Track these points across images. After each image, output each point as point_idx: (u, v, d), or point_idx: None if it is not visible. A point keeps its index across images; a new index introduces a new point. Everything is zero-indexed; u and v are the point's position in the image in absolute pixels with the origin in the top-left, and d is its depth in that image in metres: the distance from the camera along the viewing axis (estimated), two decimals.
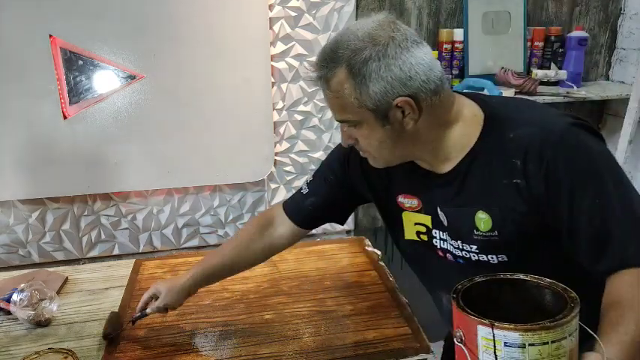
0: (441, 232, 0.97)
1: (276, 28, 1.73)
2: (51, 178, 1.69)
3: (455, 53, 1.86)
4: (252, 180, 1.86)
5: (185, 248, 1.92)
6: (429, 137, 0.89)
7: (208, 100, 1.72)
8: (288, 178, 1.93)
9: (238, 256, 1.19)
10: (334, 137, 1.91)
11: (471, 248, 0.92)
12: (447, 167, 0.92)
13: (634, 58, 1.97)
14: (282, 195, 1.94)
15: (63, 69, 1.60)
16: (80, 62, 1.61)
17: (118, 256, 1.87)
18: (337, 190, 1.13)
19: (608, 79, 2.09)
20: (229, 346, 1.21)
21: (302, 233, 1.21)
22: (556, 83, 1.91)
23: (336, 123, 1.89)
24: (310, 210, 1.16)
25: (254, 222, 1.23)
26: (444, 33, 1.85)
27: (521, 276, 0.73)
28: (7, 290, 1.36)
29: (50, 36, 1.56)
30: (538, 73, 1.85)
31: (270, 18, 1.70)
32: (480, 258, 0.92)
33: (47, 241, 1.80)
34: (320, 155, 1.92)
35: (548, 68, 1.95)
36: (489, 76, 1.83)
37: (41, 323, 1.28)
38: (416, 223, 1.00)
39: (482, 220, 0.88)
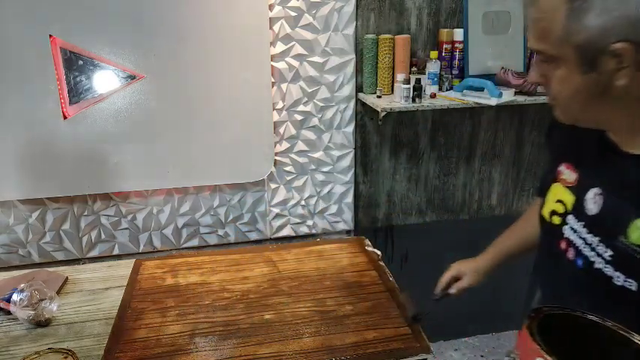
0: (576, 221, 0.81)
1: (276, 28, 1.73)
2: (51, 178, 1.68)
3: (455, 53, 1.86)
4: (252, 180, 1.86)
5: (185, 248, 1.92)
6: (639, 108, 0.70)
7: (208, 100, 1.72)
8: (288, 178, 1.93)
9: (532, 235, 1.07)
10: (334, 137, 1.91)
11: (605, 253, 0.75)
12: (637, 147, 0.72)
13: None
14: (282, 195, 1.94)
15: (63, 69, 1.60)
16: (80, 62, 1.61)
17: (118, 256, 1.87)
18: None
19: None
20: (229, 346, 1.21)
21: None
22: None
23: (337, 122, 1.89)
24: (542, 178, 1.02)
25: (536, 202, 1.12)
26: (444, 33, 1.85)
27: (622, 331, 0.58)
28: (7, 290, 1.36)
29: (50, 36, 1.56)
30: None
31: (270, 18, 1.70)
32: (605, 270, 0.74)
33: (47, 241, 1.80)
34: (320, 155, 1.92)
35: None
36: (489, 76, 1.83)
37: (41, 323, 1.28)
38: (557, 200, 0.85)
39: (639, 231, 0.70)
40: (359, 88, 1.88)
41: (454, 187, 2.15)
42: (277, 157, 1.88)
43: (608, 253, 0.74)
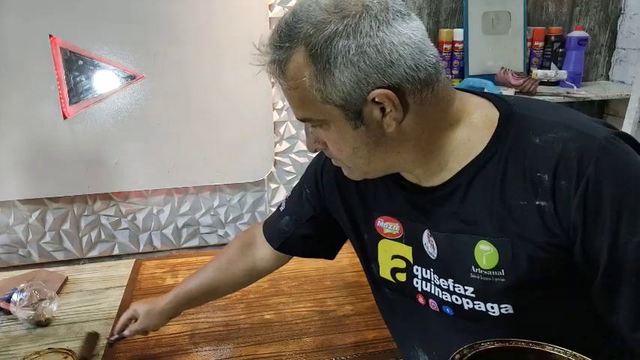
0: (424, 270, 0.75)
1: None
2: (51, 178, 1.68)
3: (455, 53, 1.86)
4: (252, 180, 1.86)
5: (185, 248, 1.92)
6: (419, 143, 0.67)
7: (208, 100, 1.72)
8: (288, 178, 1.93)
9: (217, 280, 1.05)
10: None
11: (466, 291, 0.70)
12: (441, 179, 0.70)
13: (634, 58, 1.97)
14: (282, 195, 1.94)
15: (63, 69, 1.60)
16: (80, 62, 1.61)
17: (118, 256, 1.87)
18: (313, 209, 0.93)
19: (608, 79, 2.09)
20: (229, 346, 1.21)
21: (285, 257, 1.04)
22: (556, 83, 1.91)
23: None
24: (286, 232, 0.97)
25: (236, 242, 1.09)
26: (443, 33, 1.85)
27: (547, 347, 0.52)
28: (7, 290, 1.36)
29: (50, 36, 1.56)
30: (538, 73, 1.85)
31: (270, 18, 1.70)
32: (476, 306, 0.69)
33: (47, 241, 1.79)
34: None
35: (548, 68, 1.95)
36: (489, 76, 1.83)
37: (41, 323, 1.28)
38: (394, 257, 0.79)
39: (485, 254, 0.66)
40: None
41: None
42: (277, 157, 1.88)
43: (469, 290, 0.69)
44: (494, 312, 0.68)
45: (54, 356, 1.16)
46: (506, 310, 0.67)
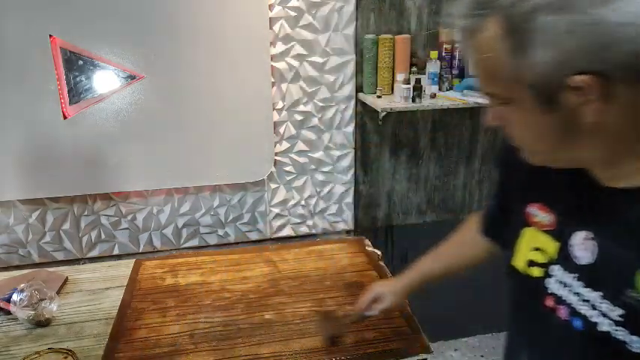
0: (565, 273, 0.67)
1: (276, 28, 1.73)
2: (51, 178, 1.68)
3: (455, 53, 1.86)
4: (252, 180, 1.86)
5: (185, 248, 1.92)
6: (619, 142, 0.58)
7: (208, 100, 1.72)
8: (288, 178, 1.93)
9: (461, 260, 1.08)
10: (334, 137, 1.91)
11: (612, 312, 0.60)
12: (630, 183, 0.60)
13: None
14: (282, 195, 1.94)
15: (63, 69, 1.60)
16: (80, 62, 1.61)
17: (118, 256, 1.87)
18: (505, 190, 0.87)
19: None
20: (229, 346, 1.20)
21: (493, 245, 0.97)
22: None
23: (337, 122, 1.89)
24: (490, 215, 0.94)
25: (468, 224, 1.07)
26: (444, 33, 1.85)
27: None
28: (7, 290, 1.37)
29: (50, 36, 1.56)
30: None
31: (270, 18, 1.70)
32: (617, 333, 0.59)
33: (47, 241, 1.79)
34: (320, 155, 1.92)
35: None
36: None
37: (41, 323, 1.28)
38: (534, 248, 0.72)
39: None
40: (359, 88, 1.88)
41: (454, 187, 2.15)
42: (277, 157, 1.88)
43: (616, 312, 0.59)
44: (636, 346, 0.58)
45: (54, 356, 1.16)
46: None
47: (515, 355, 0.80)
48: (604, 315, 0.61)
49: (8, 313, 1.32)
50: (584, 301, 0.63)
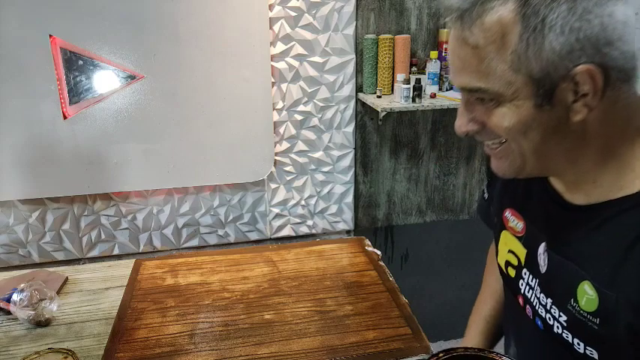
0: (531, 277, 0.71)
1: (276, 28, 1.73)
2: (51, 178, 1.68)
3: None
4: (252, 180, 1.86)
5: (185, 248, 1.92)
6: (591, 148, 0.58)
7: (208, 100, 1.72)
8: (288, 178, 1.93)
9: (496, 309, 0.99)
10: (334, 137, 1.91)
11: (559, 317, 0.64)
12: (585, 199, 0.62)
13: None
14: (282, 195, 1.94)
15: (63, 69, 1.60)
16: (80, 62, 1.61)
17: (118, 256, 1.87)
18: (490, 189, 0.89)
19: None
20: (229, 346, 1.20)
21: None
22: None
23: (337, 122, 1.89)
24: (483, 208, 0.92)
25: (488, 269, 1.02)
26: (444, 33, 1.85)
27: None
28: (7, 290, 1.36)
29: (50, 36, 1.56)
30: None
31: (270, 18, 1.70)
32: (565, 335, 0.64)
33: (47, 241, 1.79)
34: (320, 155, 1.92)
35: None
36: None
37: (41, 323, 1.28)
38: (509, 251, 0.75)
39: (587, 297, 0.59)
40: (359, 88, 1.88)
41: (454, 187, 2.15)
42: (277, 157, 1.88)
43: (562, 318, 0.64)
44: (579, 348, 0.62)
45: (54, 356, 1.16)
46: (591, 354, 0.61)
47: (507, 343, 0.85)
48: (555, 319, 0.65)
49: (8, 313, 1.31)
50: (541, 304, 0.68)
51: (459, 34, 0.56)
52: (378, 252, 1.65)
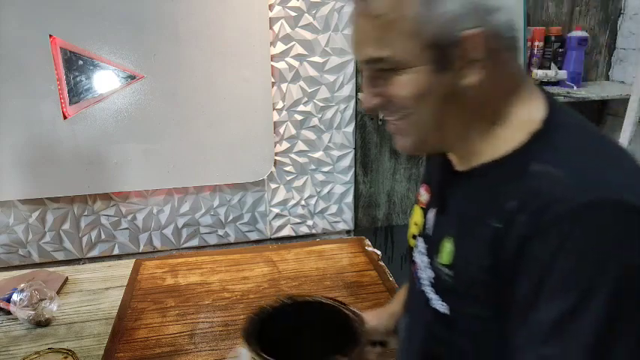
0: (423, 243, 0.75)
1: (276, 28, 1.73)
2: (51, 178, 1.68)
3: None
4: (252, 180, 1.86)
5: (185, 248, 1.92)
6: (477, 113, 0.61)
7: (208, 100, 1.72)
8: (288, 178, 1.93)
9: None
10: (334, 137, 1.91)
11: (430, 276, 0.70)
12: (467, 165, 0.66)
13: (634, 58, 1.97)
14: (282, 195, 1.94)
15: (63, 69, 1.60)
16: (80, 62, 1.61)
17: (118, 256, 1.87)
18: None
19: (608, 79, 2.09)
20: (229, 346, 1.20)
21: None
22: (556, 83, 1.91)
23: (337, 122, 1.89)
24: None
25: None
26: None
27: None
28: (7, 290, 1.36)
29: (50, 36, 1.56)
30: (538, 73, 1.84)
31: (270, 18, 1.70)
32: (427, 291, 0.70)
33: (47, 241, 1.79)
34: (320, 155, 1.92)
35: (548, 68, 1.95)
36: None
37: (41, 323, 1.28)
38: (415, 223, 0.80)
39: (446, 251, 0.65)
40: (359, 88, 1.88)
41: None
42: (277, 157, 1.88)
43: (432, 276, 0.69)
44: (435, 305, 0.68)
45: (54, 356, 1.16)
46: (443, 309, 0.66)
47: (401, 321, 0.89)
48: (427, 278, 0.70)
49: (8, 313, 1.32)
50: (425, 265, 0.72)
51: (362, 7, 0.61)
52: (378, 252, 1.65)
